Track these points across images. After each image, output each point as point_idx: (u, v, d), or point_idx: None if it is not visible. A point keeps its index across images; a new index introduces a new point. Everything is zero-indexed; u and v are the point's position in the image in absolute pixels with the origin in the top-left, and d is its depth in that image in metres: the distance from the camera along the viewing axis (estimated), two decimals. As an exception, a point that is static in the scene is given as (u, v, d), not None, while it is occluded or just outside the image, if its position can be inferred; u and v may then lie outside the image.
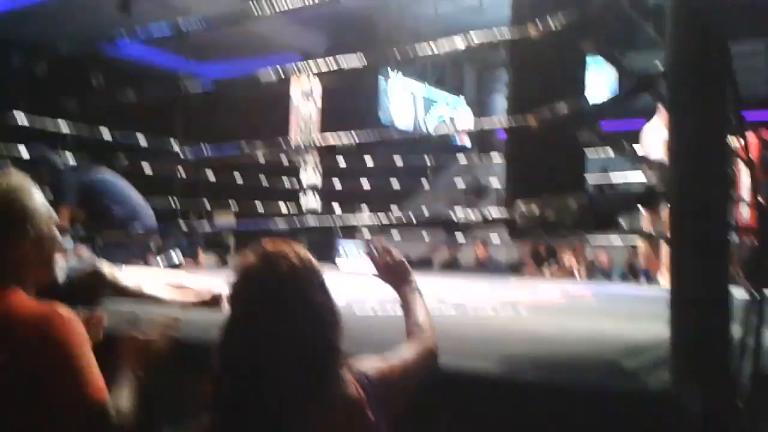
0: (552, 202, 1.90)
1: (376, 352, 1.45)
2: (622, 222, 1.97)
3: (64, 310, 1.39)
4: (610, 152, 3.14)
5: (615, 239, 6.11)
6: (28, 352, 1.30)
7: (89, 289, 3.10)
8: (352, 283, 3.67)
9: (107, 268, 3.30)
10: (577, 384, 1.73)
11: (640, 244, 5.54)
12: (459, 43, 2.53)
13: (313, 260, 1.28)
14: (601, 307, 4.02)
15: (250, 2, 2.68)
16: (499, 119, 2.26)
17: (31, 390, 1.29)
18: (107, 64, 9.16)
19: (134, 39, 3.60)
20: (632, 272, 8.83)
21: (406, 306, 1.68)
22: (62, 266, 3.16)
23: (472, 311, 3.40)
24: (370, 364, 1.36)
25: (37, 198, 1.51)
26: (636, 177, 5.30)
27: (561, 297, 4.43)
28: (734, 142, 1.48)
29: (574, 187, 1.98)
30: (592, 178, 5.39)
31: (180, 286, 3.43)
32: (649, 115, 4.88)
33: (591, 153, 4.74)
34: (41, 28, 9.18)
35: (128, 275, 3.41)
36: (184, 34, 3.21)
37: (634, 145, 4.90)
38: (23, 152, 5.03)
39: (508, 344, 2.23)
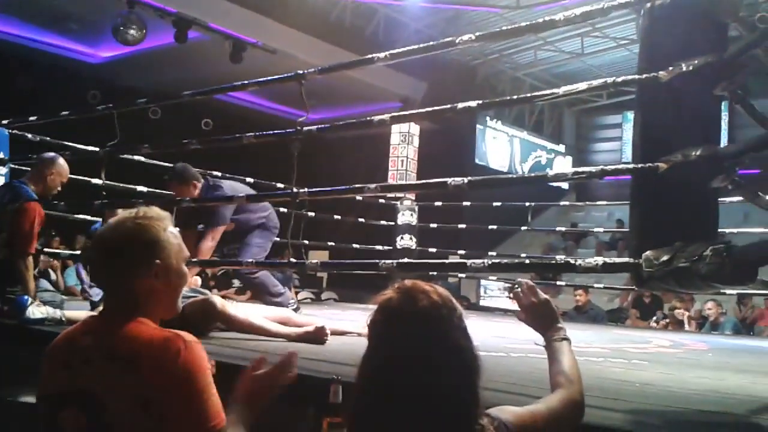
0: (685, 249, 1.82)
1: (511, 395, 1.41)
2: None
3: (188, 336, 1.41)
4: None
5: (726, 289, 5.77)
6: (152, 377, 1.34)
7: (200, 319, 3.21)
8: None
9: (218, 300, 3.41)
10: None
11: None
12: (564, 90, 2.50)
13: (452, 299, 1.26)
14: (720, 360, 3.80)
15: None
16: (625, 165, 2.19)
17: (154, 413, 1.33)
18: (221, 110, 9.69)
19: (248, 87, 3.73)
20: (745, 325, 8.33)
21: (553, 353, 1.59)
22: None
23: (579, 358, 3.28)
24: (511, 412, 1.32)
25: (171, 231, 1.53)
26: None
27: (674, 348, 4.23)
28: None
29: (707, 236, 1.90)
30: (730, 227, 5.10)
31: (285, 320, 3.51)
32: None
33: (731, 199, 4.56)
34: (158, 75, 9.84)
35: (237, 307, 3.52)
36: (298, 81, 3.31)
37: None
38: (142, 189, 5.34)
39: (627, 396, 2.14)
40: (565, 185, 13.77)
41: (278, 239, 4.65)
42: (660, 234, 1.95)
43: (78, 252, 6.06)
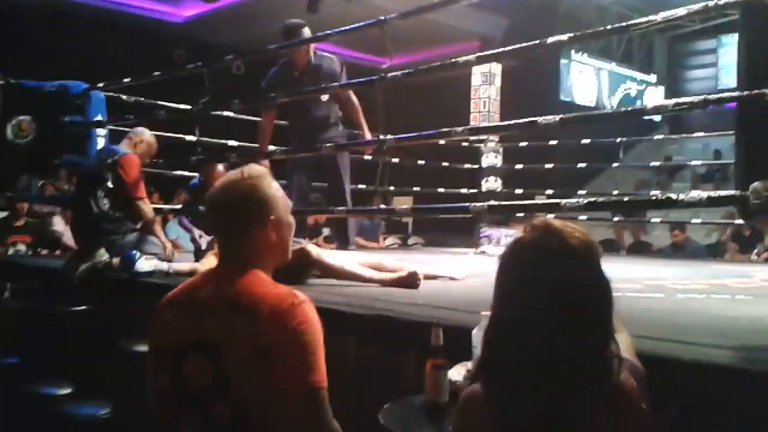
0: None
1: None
2: None
3: (302, 295, 1.48)
4: None
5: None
6: (269, 329, 1.41)
7: (297, 267, 3.31)
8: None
9: (314, 248, 3.50)
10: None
11: None
12: (663, 16, 2.36)
13: (586, 234, 1.24)
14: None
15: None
16: (729, 93, 2.07)
17: (268, 364, 1.40)
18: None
19: (330, 37, 3.73)
20: None
21: None
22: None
23: (681, 296, 3.21)
24: (633, 358, 1.31)
25: (275, 185, 1.63)
26: None
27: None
28: None
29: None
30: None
31: (378, 266, 3.57)
32: None
33: None
34: (238, 31, 9.97)
35: (332, 254, 3.61)
36: (380, 28, 3.28)
37: None
38: (234, 143, 5.50)
39: (734, 333, 2.08)
40: (657, 117, 13.17)
41: (364, 186, 4.73)
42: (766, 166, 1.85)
43: (179, 206, 6.33)
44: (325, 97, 4.59)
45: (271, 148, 4.74)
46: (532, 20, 10.87)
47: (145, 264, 3.53)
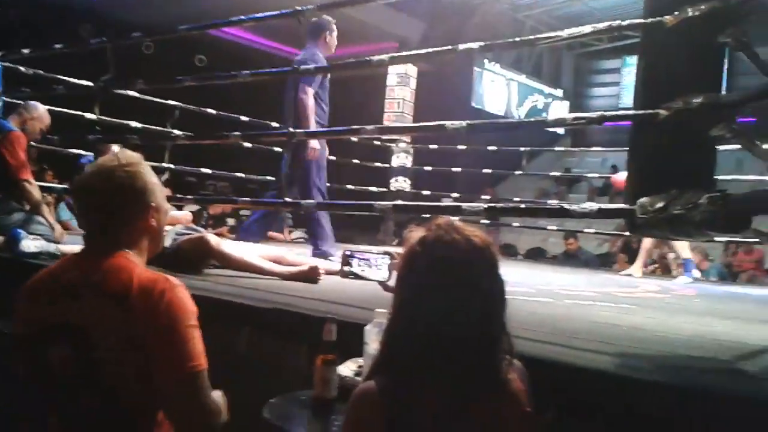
0: (680, 197, 1.83)
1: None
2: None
3: (173, 279, 1.46)
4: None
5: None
6: (140, 315, 1.37)
7: (195, 256, 3.23)
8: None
9: (213, 237, 3.42)
10: (696, 386, 1.67)
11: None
12: (569, 33, 2.45)
13: (486, 237, 1.27)
14: (707, 305, 3.87)
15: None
16: (625, 111, 2.18)
17: (141, 351, 1.37)
18: (215, 46, 9.49)
19: (244, 23, 3.65)
20: (731, 272, 8.50)
21: None
22: (170, 231, 3.31)
23: (569, 301, 3.35)
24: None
25: (152, 172, 1.59)
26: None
27: (661, 293, 4.30)
28: None
29: (703, 184, 1.90)
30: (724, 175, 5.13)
31: (280, 259, 3.53)
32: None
33: (725, 147, 4.55)
34: (152, 10, 9.59)
35: (232, 245, 3.54)
36: (296, 18, 3.24)
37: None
38: (136, 125, 5.29)
39: (616, 339, 2.18)
40: (560, 130, 13.70)
41: (273, 179, 4.63)
42: (656, 181, 1.95)
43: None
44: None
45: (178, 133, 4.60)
46: (450, 27, 11.06)
47: (30, 244, 3.34)
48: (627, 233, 6.70)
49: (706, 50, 1.93)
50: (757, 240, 5.57)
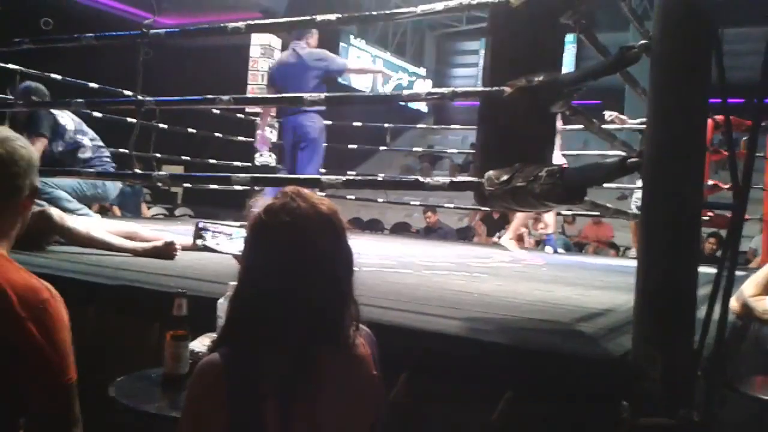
0: (523, 170, 1.93)
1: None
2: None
3: (53, 289, 1.35)
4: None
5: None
6: (15, 327, 1.26)
7: (36, 232, 3.01)
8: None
9: (56, 212, 3.21)
10: (538, 347, 1.79)
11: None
12: (422, 9, 2.51)
13: (333, 205, 1.28)
14: (553, 274, 4.14)
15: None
16: (474, 88, 2.27)
17: (11, 359, 1.27)
18: (63, 9, 8.79)
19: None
20: (575, 243, 9.17)
21: None
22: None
23: (426, 272, 3.47)
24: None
25: (31, 147, 1.44)
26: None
27: (513, 263, 4.55)
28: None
29: (545, 158, 2.03)
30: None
31: (132, 234, 3.37)
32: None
33: (573, 126, 4.91)
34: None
35: (78, 220, 3.33)
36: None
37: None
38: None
39: (465, 306, 2.29)
40: (424, 109, 14.03)
41: (125, 150, 4.38)
42: (502, 155, 2.05)
43: None
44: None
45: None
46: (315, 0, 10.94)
47: None
48: (484, 208, 7.06)
49: (548, 31, 2.04)
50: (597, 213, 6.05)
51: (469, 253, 5.30)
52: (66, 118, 4.16)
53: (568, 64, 10.34)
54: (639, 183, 6.03)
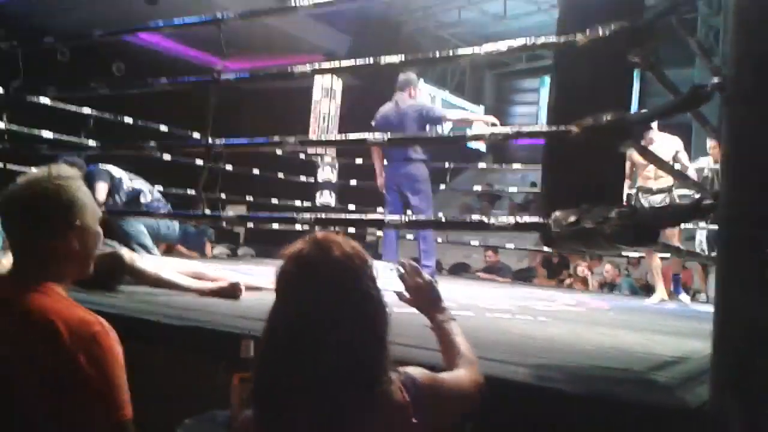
0: (591, 211, 1.88)
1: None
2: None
3: (104, 322, 1.38)
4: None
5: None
6: (68, 360, 1.29)
7: (107, 273, 3.10)
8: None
9: (126, 252, 3.31)
10: (610, 396, 1.71)
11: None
12: (486, 50, 2.51)
13: (364, 252, 1.26)
14: (619, 318, 4.00)
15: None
16: (540, 126, 2.25)
17: (63, 394, 1.29)
18: (134, 54, 9.21)
19: (163, 30, 3.57)
20: (642, 286, 8.84)
21: (445, 335, 1.59)
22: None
23: (489, 315, 3.40)
24: (420, 371, 1.33)
25: (85, 190, 1.50)
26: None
27: (577, 306, 4.43)
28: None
29: (614, 198, 1.97)
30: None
31: (198, 274, 3.44)
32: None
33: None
34: (68, 15, 9.25)
35: (147, 261, 3.42)
36: (216, 26, 3.19)
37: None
38: (48, 135, 5.06)
39: (531, 351, 2.23)
40: (483, 148, 13.99)
41: (190, 191, 4.52)
42: (569, 196, 2.00)
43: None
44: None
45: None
46: (375, 41, 11.15)
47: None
48: (545, 248, 6.94)
49: (615, 69, 2.00)
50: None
51: (531, 296, 5.18)
52: (118, 171, 4.41)
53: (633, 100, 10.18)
54: (702, 224, 5.82)
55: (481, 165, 11.29)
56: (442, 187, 8.55)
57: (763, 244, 1.34)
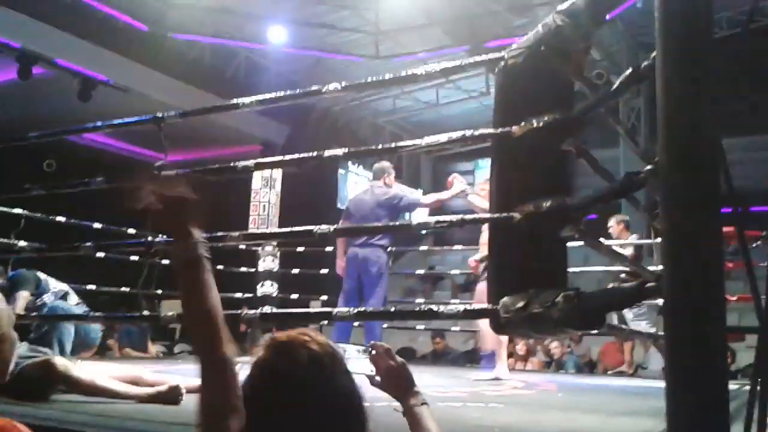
0: (539, 296, 1.90)
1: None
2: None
3: (24, 428, 1.30)
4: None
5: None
6: None
7: (40, 382, 2.95)
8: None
9: (59, 360, 3.15)
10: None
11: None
12: (427, 142, 2.57)
13: (333, 345, 1.21)
14: (570, 399, 3.99)
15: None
16: (483, 215, 2.29)
17: None
18: (68, 149, 9.06)
19: (102, 129, 3.54)
20: (586, 363, 8.90)
21: (416, 420, 1.55)
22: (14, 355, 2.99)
23: (441, 404, 3.33)
24: None
25: (1, 297, 1.47)
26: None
27: (527, 389, 4.40)
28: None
29: (558, 282, 2.00)
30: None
31: (135, 379, 3.29)
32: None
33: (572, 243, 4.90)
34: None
35: (82, 368, 3.25)
36: (157, 125, 3.18)
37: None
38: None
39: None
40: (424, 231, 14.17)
41: (128, 290, 4.39)
42: (515, 281, 2.02)
43: None
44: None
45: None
46: (313, 130, 11.35)
47: None
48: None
49: (551, 157, 2.07)
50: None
51: (481, 381, 5.13)
52: (42, 274, 4.34)
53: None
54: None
55: (423, 247, 11.39)
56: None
57: (705, 321, 1.37)
